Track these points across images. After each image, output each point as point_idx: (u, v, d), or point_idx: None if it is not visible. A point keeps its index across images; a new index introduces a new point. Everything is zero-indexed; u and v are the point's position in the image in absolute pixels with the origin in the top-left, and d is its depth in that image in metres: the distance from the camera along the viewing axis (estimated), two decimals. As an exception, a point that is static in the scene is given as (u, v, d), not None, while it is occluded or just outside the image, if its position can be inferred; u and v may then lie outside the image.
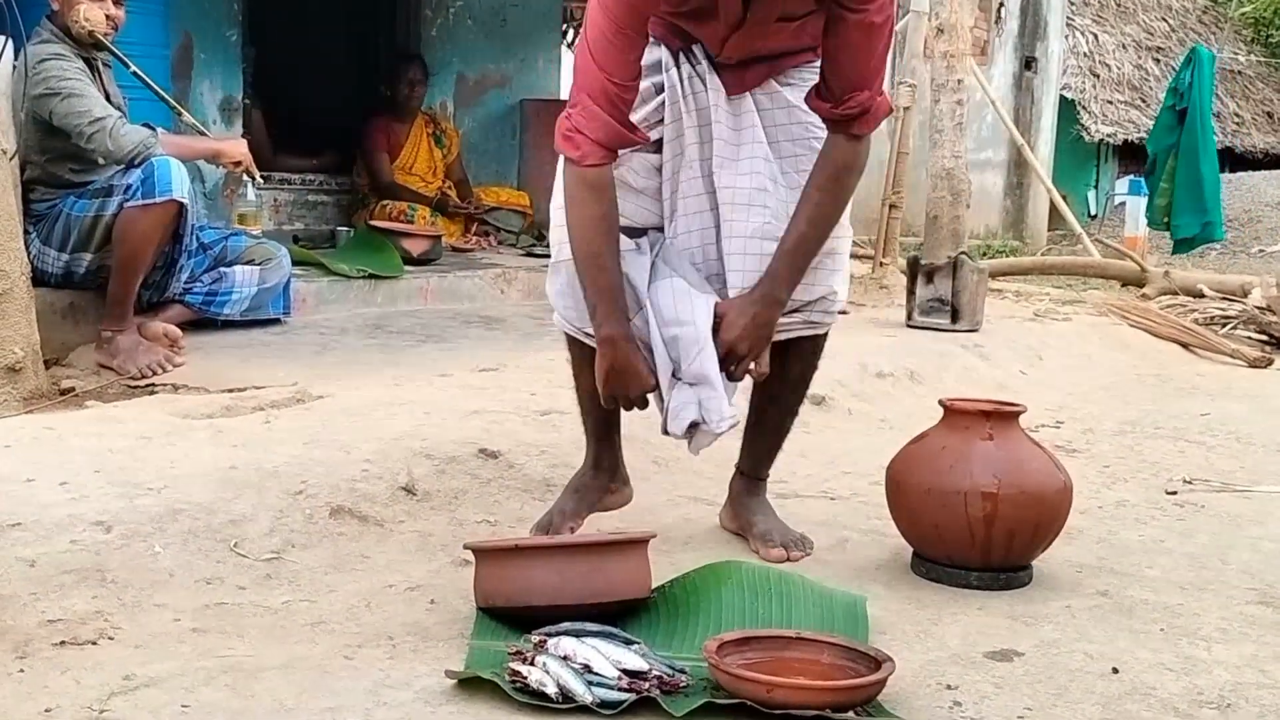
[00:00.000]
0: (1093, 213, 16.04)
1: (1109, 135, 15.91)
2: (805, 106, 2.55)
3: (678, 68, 2.55)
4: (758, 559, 2.60)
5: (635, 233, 2.57)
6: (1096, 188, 16.58)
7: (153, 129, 4.06)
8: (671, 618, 2.22)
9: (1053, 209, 11.77)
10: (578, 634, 2.02)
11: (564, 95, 7.74)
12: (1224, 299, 7.02)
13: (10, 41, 3.76)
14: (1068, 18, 15.53)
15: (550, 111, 7.39)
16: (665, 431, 2.53)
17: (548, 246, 2.87)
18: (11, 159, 3.60)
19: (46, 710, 1.83)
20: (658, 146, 2.57)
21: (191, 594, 2.33)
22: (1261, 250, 13.29)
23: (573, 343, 2.71)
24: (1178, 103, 11.00)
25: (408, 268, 5.47)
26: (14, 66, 3.83)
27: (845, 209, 2.59)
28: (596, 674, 1.93)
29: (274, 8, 6.79)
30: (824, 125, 2.53)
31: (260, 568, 2.47)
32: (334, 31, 7.98)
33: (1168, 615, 2.44)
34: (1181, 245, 11.17)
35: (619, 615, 2.17)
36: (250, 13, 6.41)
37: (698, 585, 2.28)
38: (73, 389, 3.65)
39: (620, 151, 2.47)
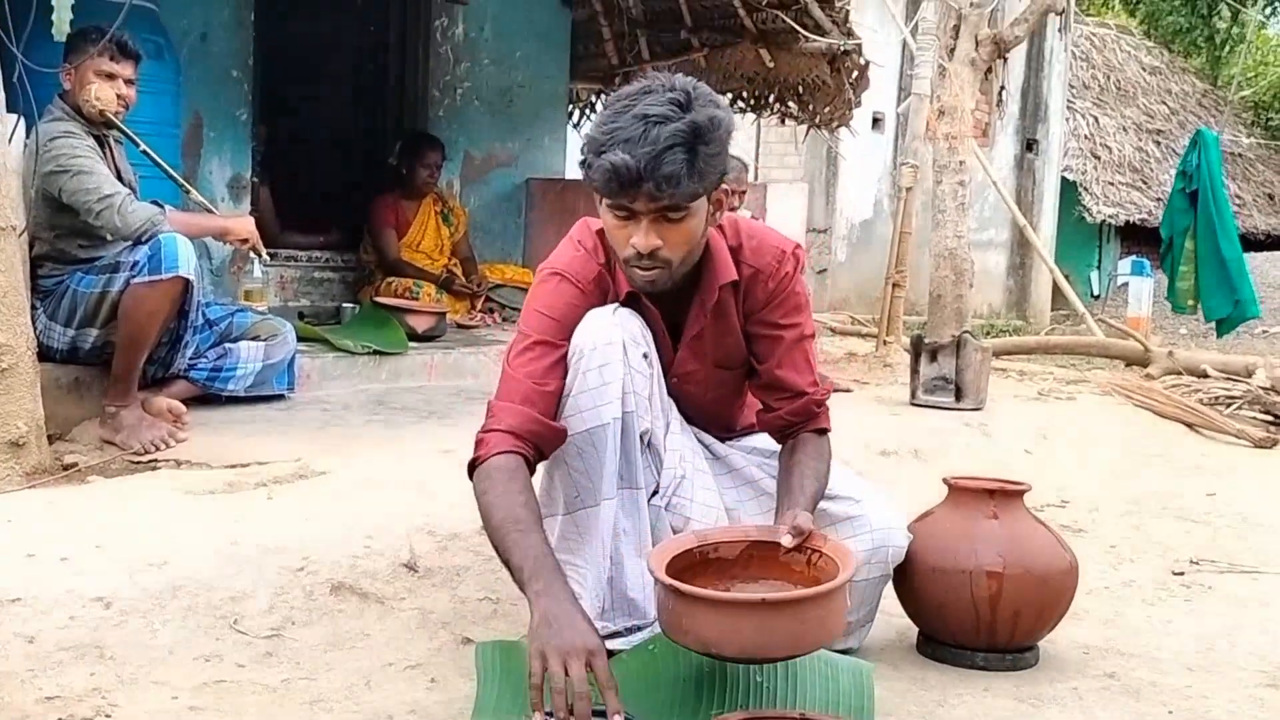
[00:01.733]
0: (1095, 293, 16.13)
1: (1111, 216, 16.04)
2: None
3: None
4: None
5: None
6: (1099, 268, 16.68)
7: (161, 206, 4.10)
8: (672, 691, 2.18)
9: (1056, 289, 11.82)
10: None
11: (569, 175, 7.89)
12: (1228, 379, 7.01)
13: (22, 119, 3.81)
14: (1068, 101, 15.73)
15: (555, 190, 7.54)
16: None
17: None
18: (20, 235, 3.62)
19: (41, 789, 1.81)
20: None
21: (190, 671, 2.32)
22: (1265, 331, 13.33)
23: None
24: (1187, 185, 11.13)
25: (412, 344, 5.48)
26: (25, 145, 3.87)
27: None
28: (599, 756, 1.90)
29: (283, 87, 6.87)
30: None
31: (260, 645, 2.45)
32: (342, 111, 8.08)
33: (1176, 697, 2.42)
34: (1223, 327, 11.20)
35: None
36: (261, 92, 6.49)
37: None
38: (75, 464, 3.65)
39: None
